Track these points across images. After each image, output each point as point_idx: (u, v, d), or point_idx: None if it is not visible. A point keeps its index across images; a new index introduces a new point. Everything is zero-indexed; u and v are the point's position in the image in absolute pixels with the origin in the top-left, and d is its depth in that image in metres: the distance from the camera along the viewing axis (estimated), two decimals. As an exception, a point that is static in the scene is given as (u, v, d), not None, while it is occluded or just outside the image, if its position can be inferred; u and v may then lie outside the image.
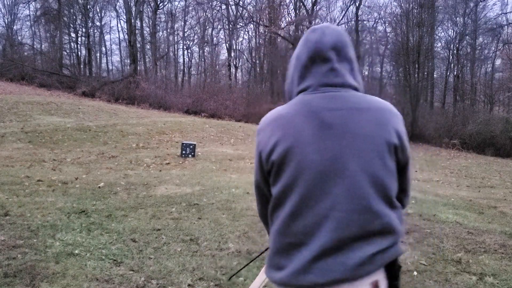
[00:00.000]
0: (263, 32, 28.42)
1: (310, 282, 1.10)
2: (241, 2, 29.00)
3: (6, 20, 29.70)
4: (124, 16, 29.02)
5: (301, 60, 1.25)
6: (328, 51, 1.21)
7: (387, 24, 28.51)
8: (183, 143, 9.64)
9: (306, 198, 1.13)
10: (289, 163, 1.15)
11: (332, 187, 1.12)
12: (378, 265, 1.11)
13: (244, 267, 2.40)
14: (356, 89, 1.23)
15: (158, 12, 30.03)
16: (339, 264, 1.09)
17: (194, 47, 32.69)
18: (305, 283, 1.11)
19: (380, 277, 1.14)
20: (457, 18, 26.16)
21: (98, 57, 33.09)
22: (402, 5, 25.06)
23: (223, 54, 32.46)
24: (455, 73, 26.49)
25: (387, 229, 1.13)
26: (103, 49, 33.63)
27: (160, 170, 7.80)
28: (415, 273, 3.31)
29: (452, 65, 27.09)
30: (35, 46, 30.13)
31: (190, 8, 30.54)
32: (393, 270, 1.17)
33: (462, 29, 25.69)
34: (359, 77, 1.28)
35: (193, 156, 9.42)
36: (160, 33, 31.38)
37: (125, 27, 29.31)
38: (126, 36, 28.95)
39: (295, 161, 1.14)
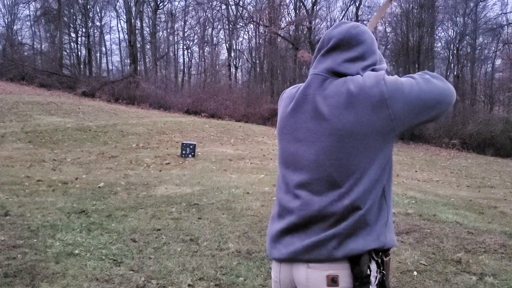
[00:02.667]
0: (263, 32, 28.42)
1: (276, 255, 1.20)
2: (241, 2, 29.04)
3: (6, 20, 29.76)
4: (124, 16, 29.05)
5: (315, 52, 1.33)
6: (330, 41, 1.24)
7: (387, 24, 28.53)
8: (183, 143, 9.64)
9: (284, 173, 1.25)
10: (277, 139, 1.32)
11: (299, 168, 1.19)
12: (330, 252, 1.09)
13: None
14: (346, 75, 1.18)
15: (158, 12, 30.06)
16: (298, 241, 1.15)
17: (194, 47, 32.74)
18: (276, 256, 1.21)
19: (342, 274, 1.10)
20: (457, 18, 26.19)
21: (98, 57, 33.13)
22: (402, 5, 25.06)
23: (223, 54, 32.52)
24: (455, 73, 26.51)
25: (346, 214, 1.10)
26: (103, 49, 33.69)
27: (160, 170, 7.80)
28: (415, 273, 3.31)
29: (452, 65, 27.12)
30: (35, 46, 30.17)
31: (190, 8, 30.58)
32: (356, 270, 1.09)
33: (462, 29, 25.72)
34: (376, 66, 1.23)
35: (193, 156, 9.41)
36: (160, 33, 31.43)
37: (125, 27, 29.34)
38: (126, 36, 28.98)
39: (278, 138, 1.30)
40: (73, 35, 31.16)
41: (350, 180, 1.11)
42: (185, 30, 31.01)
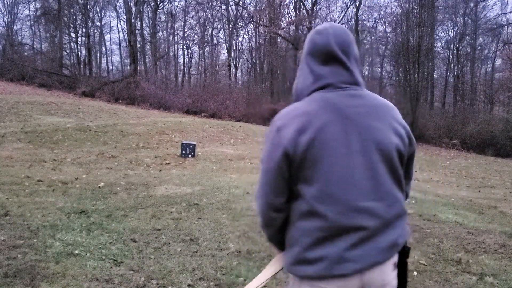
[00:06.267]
0: (263, 32, 28.41)
1: (346, 271, 1.22)
2: (241, 2, 29.01)
3: (6, 20, 29.73)
4: (124, 16, 29.02)
5: (313, 61, 1.33)
6: (338, 52, 1.30)
7: (387, 24, 28.52)
8: (183, 143, 9.64)
9: (332, 190, 1.22)
10: (324, 158, 1.22)
11: (357, 180, 1.22)
12: (398, 247, 1.27)
13: None
14: (362, 85, 1.34)
15: (158, 12, 30.05)
16: (373, 251, 1.22)
17: (194, 47, 32.70)
18: (345, 272, 1.23)
19: (396, 257, 1.29)
20: (457, 18, 26.17)
21: (98, 57, 33.10)
22: (402, 5, 25.05)
23: (223, 54, 32.50)
24: (455, 73, 26.50)
25: (403, 212, 1.29)
26: (103, 49, 33.64)
27: (160, 170, 7.80)
28: (415, 273, 3.31)
29: (452, 65, 27.10)
30: (35, 46, 30.14)
31: (190, 8, 30.54)
32: (404, 251, 1.31)
33: (462, 29, 25.70)
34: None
35: (193, 156, 9.41)
36: (160, 33, 31.40)
37: (125, 27, 29.32)
38: (126, 36, 28.95)
39: (321, 153, 1.22)
40: (73, 35, 31.13)
41: (399, 184, 1.30)
42: (185, 30, 31.00)
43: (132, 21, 26.81)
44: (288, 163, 1.24)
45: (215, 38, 31.95)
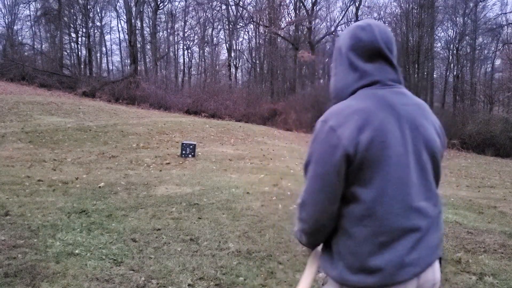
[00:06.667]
0: (263, 32, 28.45)
1: (408, 275, 1.19)
2: (241, 2, 29.03)
3: (6, 20, 29.80)
4: (124, 16, 29.05)
5: (357, 57, 1.27)
6: (384, 49, 1.27)
7: (386, 24, 28.51)
8: (183, 143, 9.64)
9: (395, 192, 1.17)
10: (384, 158, 1.15)
11: (412, 180, 1.19)
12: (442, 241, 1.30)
13: None
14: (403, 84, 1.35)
15: (158, 12, 30.07)
16: (426, 250, 1.21)
17: (194, 47, 32.74)
18: (407, 276, 1.19)
19: None
20: (457, 18, 26.19)
21: (98, 57, 33.15)
22: (402, 5, 25.12)
23: (223, 54, 32.56)
24: (454, 73, 26.52)
25: (441, 211, 1.29)
26: (104, 49, 33.72)
27: (160, 170, 7.80)
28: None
29: (451, 65, 27.12)
30: (35, 46, 30.20)
31: (190, 8, 30.57)
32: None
33: (462, 29, 25.72)
34: None
35: (193, 156, 9.42)
36: (160, 33, 31.44)
37: (125, 27, 29.33)
38: (127, 36, 28.98)
39: (388, 155, 1.15)
40: (73, 35, 31.18)
41: (437, 187, 1.32)
42: (185, 30, 31.04)
43: (133, 21, 26.84)
44: (347, 164, 1.15)
45: (215, 38, 32.03)
